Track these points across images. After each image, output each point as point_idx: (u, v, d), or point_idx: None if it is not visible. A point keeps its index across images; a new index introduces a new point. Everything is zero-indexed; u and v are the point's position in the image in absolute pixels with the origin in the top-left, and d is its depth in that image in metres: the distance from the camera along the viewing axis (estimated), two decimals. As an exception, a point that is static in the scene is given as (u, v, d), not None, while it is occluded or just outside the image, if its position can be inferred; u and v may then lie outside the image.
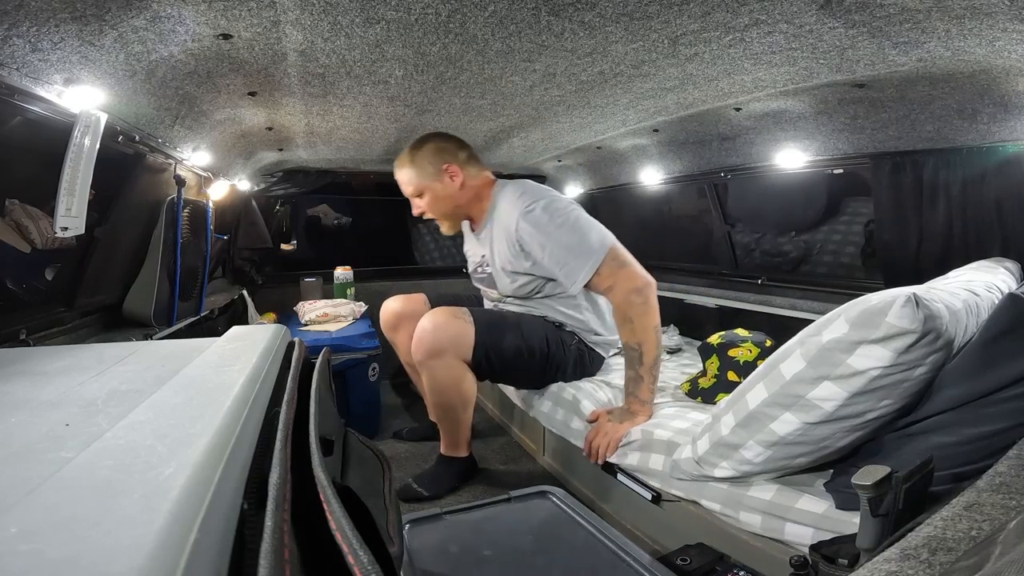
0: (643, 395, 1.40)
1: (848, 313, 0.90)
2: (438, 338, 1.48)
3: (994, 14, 0.91)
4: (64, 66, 0.93)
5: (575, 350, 1.65)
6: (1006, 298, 0.84)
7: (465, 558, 0.99)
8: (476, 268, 1.77)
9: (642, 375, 1.39)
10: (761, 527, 1.01)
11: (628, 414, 1.39)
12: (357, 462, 0.68)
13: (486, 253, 1.67)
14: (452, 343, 1.49)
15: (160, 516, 0.29)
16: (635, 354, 1.39)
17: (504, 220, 1.55)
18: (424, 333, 1.50)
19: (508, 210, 1.54)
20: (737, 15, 1.02)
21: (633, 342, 1.40)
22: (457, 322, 1.50)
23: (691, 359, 2.05)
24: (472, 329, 1.50)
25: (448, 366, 1.50)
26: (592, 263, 1.42)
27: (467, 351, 1.50)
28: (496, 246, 1.61)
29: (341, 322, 2.40)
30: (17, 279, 1.19)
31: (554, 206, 1.50)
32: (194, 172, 1.83)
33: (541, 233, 1.47)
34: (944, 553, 0.43)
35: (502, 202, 1.58)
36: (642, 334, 1.39)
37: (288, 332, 0.87)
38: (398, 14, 1.01)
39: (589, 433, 1.43)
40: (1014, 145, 1.33)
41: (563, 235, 1.45)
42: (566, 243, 1.45)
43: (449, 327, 1.49)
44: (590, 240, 1.45)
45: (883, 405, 0.89)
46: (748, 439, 1.02)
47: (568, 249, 1.44)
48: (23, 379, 0.61)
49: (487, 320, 1.55)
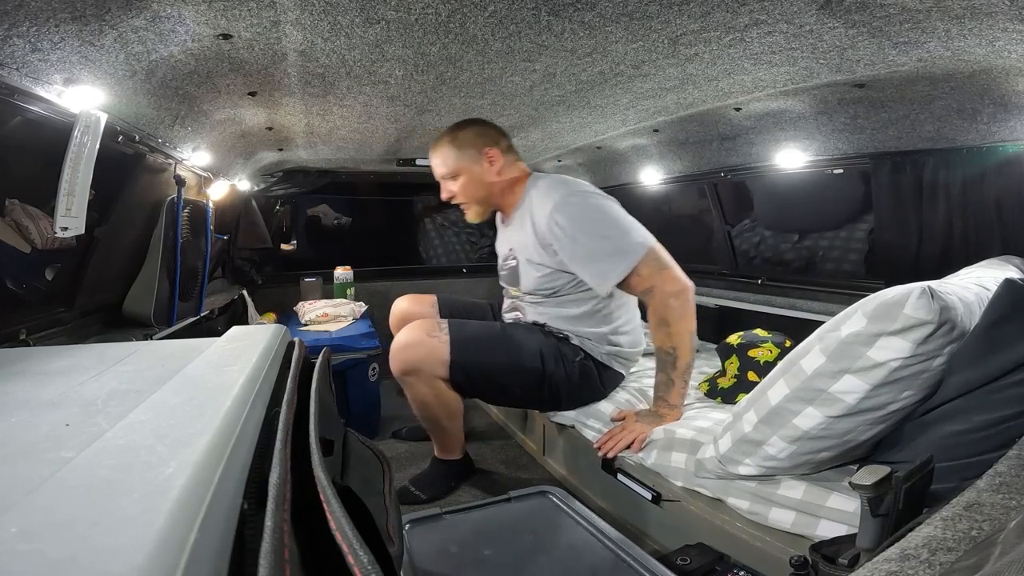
0: (673, 399, 1.37)
1: (865, 307, 0.92)
2: (408, 358, 1.45)
3: (994, 14, 0.91)
4: (64, 66, 0.93)
5: (579, 366, 1.52)
6: (1003, 283, 0.86)
7: (465, 558, 0.99)
8: (503, 263, 1.71)
9: (674, 379, 1.36)
10: (792, 525, 1.01)
11: (656, 417, 1.36)
12: (357, 462, 0.68)
13: (514, 245, 1.61)
14: (423, 363, 1.44)
15: (160, 516, 0.29)
16: (669, 358, 1.36)
17: (537, 210, 1.48)
18: (396, 351, 1.46)
19: (542, 200, 1.47)
20: (737, 15, 1.02)
21: (668, 346, 1.36)
22: (430, 341, 1.45)
23: (706, 359, 2.06)
24: (447, 348, 1.44)
25: (425, 383, 1.47)
26: (628, 263, 1.36)
27: (442, 370, 1.44)
28: (525, 237, 1.54)
29: (341, 322, 2.40)
30: (17, 279, 1.19)
31: (592, 200, 1.44)
32: (194, 172, 1.83)
33: (575, 226, 1.40)
34: (944, 553, 0.43)
35: (536, 193, 1.51)
36: (678, 338, 1.35)
37: (288, 332, 0.87)
38: (398, 14, 1.01)
39: (614, 429, 1.39)
40: (1014, 145, 1.33)
41: (599, 230, 1.39)
42: (601, 240, 1.39)
43: (421, 346, 1.44)
44: (629, 238, 1.39)
45: (904, 396, 0.90)
46: (771, 435, 1.02)
47: (603, 246, 1.38)
48: (23, 379, 0.61)
49: (466, 337, 1.48)
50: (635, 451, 1.34)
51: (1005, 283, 0.87)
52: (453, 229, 3.56)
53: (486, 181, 1.56)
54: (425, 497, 1.57)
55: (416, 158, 2.65)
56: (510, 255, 1.64)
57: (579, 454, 1.67)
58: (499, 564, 0.98)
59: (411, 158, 2.65)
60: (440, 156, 1.58)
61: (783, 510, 1.02)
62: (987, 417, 0.80)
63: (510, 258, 1.64)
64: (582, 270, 1.43)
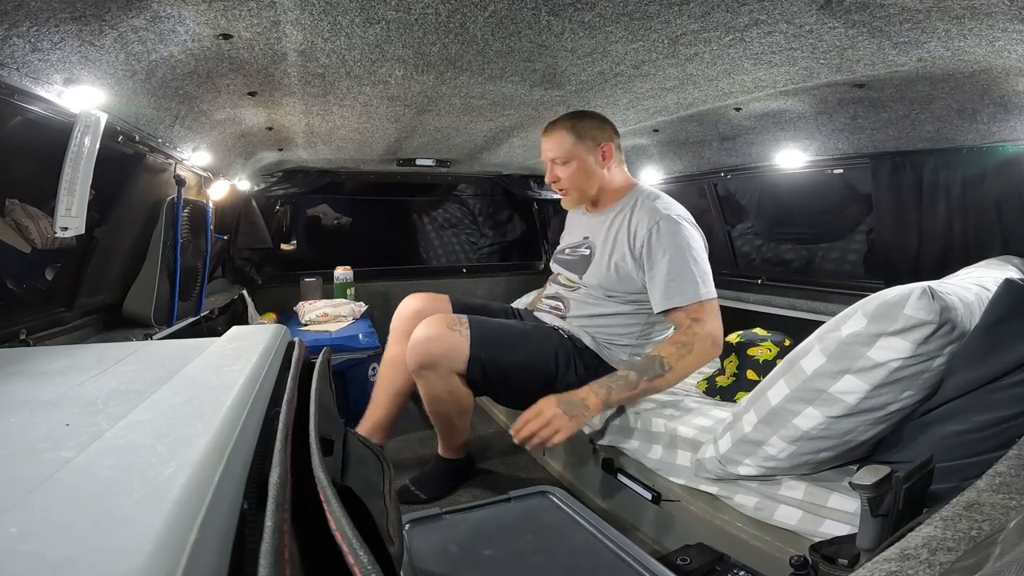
0: (614, 397, 1.35)
1: (865, 307, 0.92)
2: (429, 350, 1.43)
3: (994, 14, 0.91)
4: (64, 66, 0.93)
5: (590, 373, 1.50)
6: (1003, 284, 0.86)
7: (465, 558, 0.99)
8: (568, 247, 1.70)
9: (637, 386, 1.34)
10: (798, 522, 1.01)
11: (583, 408, 1.32)
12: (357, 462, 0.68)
13: (593, 235, 1.61)
14: (444, 356, 1.43)
15: (160, 516, 0.29)
16: (656, 370, 1.34)
17: (641, 217, 1.49)
18: (416, 344, 1.45)
19: (652, 209, 1.48)
20: (737, 15, 1.02)
21: (668, 362, 1.34)
22: (451, 335, 1.44)
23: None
24: (467, 343, 1.43)
25: (441, 378, 1.45)
26: (695, 296, 1.38)
27: (461, 365, 1.44)
28: (615, 233, 1.54)
29: (341, 322, 2.40)
30: (17, 279, 1.19)
31: (694, 232, 1.48)
32: (194, 172, 1.83)
33: (671, 244, 1.42)
34: (944, 553, 0.43)
35: (647, 201, 1.52)
36: (680, 364, 1.34)
37: (288, 332, 0.87)
38: (398, 14, 1.01)
39: (528, 414, 1.33)
40: (1014, 145, 1.33)
41: (690, 259, 1.41)
42: (686, 266, 1.41)
43: (442, 340, 1.43)
44: (707, 281, 1.42)
45: (905, 396, 0.90)
46: (771, 435, 1.02)
47: (684, 272, 1.40)
48: (23, 379, 0.61)
49: (487, 333, 1.48)
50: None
51: (1005, 283, 0.87)
52: (453, 229, 3.57)
53: (595, 172, 1.58)
54: (425, 497, 1.57)
55: (416, 158, 2.64)
56: (584, 243, 1.64)
57: (579, 454, 1.67)
58: (499, 564, 0.98)
59: (411, 158, 2.64)
60: (556, 139, 1.57)
61: (789, 508, 1.02)
62: (987, 417, 0.80)
63: (584, 246, 1.64)
64: (654, 282, 1.44)
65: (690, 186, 2.47)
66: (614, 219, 1.56)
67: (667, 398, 1.52)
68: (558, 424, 1.30)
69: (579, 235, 1.68)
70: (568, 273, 1.67)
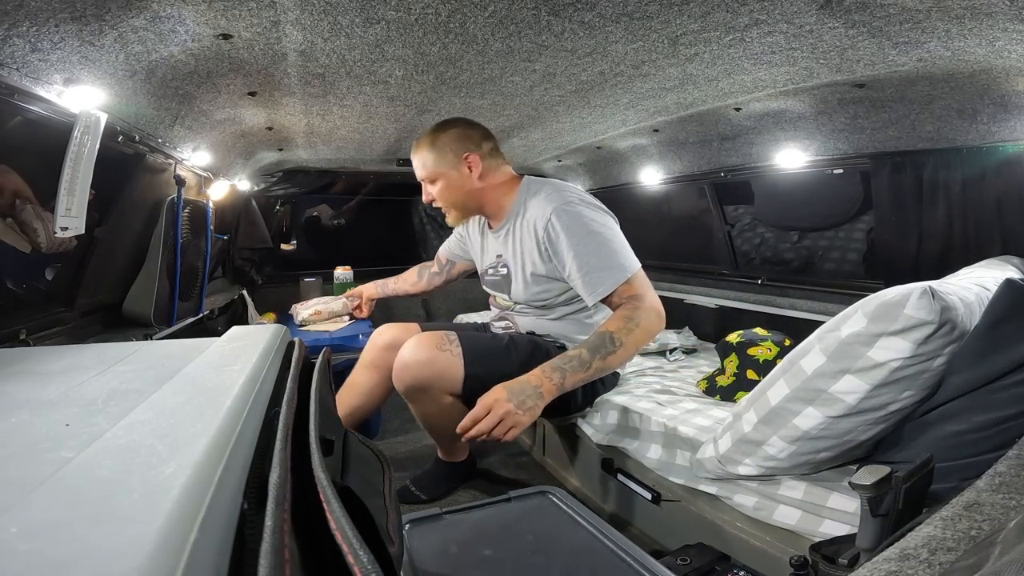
0: (569, 381, 1.23)
1: (865, 307, 0.92)
2: (420, 375, 1.36)
3: (994, 14, 0.91)
4: (64, 66, 0.93)
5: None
6: (1003, 284, 0.86)
7: (465, 558, 0.99)
8: (488, 269, 1.64)
9: (592, 366, 1.23)
10: (798, 522, 1.01)
11: (537, 398, 1.19)
12: (357, 462, 0.68)
13: (504, 252, 1.55)
14: (437, 379, 1.36)
15: (160, 516, 0.29)
16: (608, 347, 1.24)
17: (533, 217, 1.43)
18: (406, 368, 1.36)
19: (540, 206, 1.41)
20: (737, 15, 1.02)
21: (618, 337, 1.24)
22: (442, 356, 1.36)
23: (705, 357, 2.06)
24: (460, 361, 1.36)
25: (433, 400, 1.39)
26: (620, 277, 1.32)
27: (455, 386, 1.37)
28: (520, 245, 1.49)
29: (340, 322, 2.39)
30: (17, 279, 1.19)
31: (591, 213, 1.40)
32: (194, 172, 1.83)
33: (573, 234, 1.35)
34: (944, 553, 0.43)
35: (533, 199, 1.45)
36: (630, 339, 1.25)
37: (288, 332, 0.86)
38: (398, 14, 1.01)
39: (478, 410, 1.18)
40: (1014, 145, 1.33)
41: (597, 242, 1.35)
42: (597, 251, 1.34)
43: (434, 363, 1.35)
44: (626, 255, 1.36)
45: (905, 396, 0.90)
46: (771, 435, 1.02)
47: (599, 257, 1.34)
48: (23, 379, 0.61)
49: (479, 348, 1.41)
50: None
51: (1005, 283, 0.87)
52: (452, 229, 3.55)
53: (465, 188, 1.50)
54: (425, 497, 1.57)
55: (416, 158, 2.65)
56: (499, 262, 1.59)
57: (579, 454, 1.67)
58: (499, 564, 0.98)
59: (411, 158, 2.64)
60: (419, 158, 1.52)
61: (789, 508, 1.02)
62: (987, 417, 0.81)
63: (500, 265, 1.59)
64: (572, 279, 1.38)
65: (690, 186, 2.47)
66: (512, 230, 1.51)
67: (667, 398, 1.52)
68: (511, 421, 1.16)
69: (492, 255, 1.62)
70: (499, 294, 1.64)
